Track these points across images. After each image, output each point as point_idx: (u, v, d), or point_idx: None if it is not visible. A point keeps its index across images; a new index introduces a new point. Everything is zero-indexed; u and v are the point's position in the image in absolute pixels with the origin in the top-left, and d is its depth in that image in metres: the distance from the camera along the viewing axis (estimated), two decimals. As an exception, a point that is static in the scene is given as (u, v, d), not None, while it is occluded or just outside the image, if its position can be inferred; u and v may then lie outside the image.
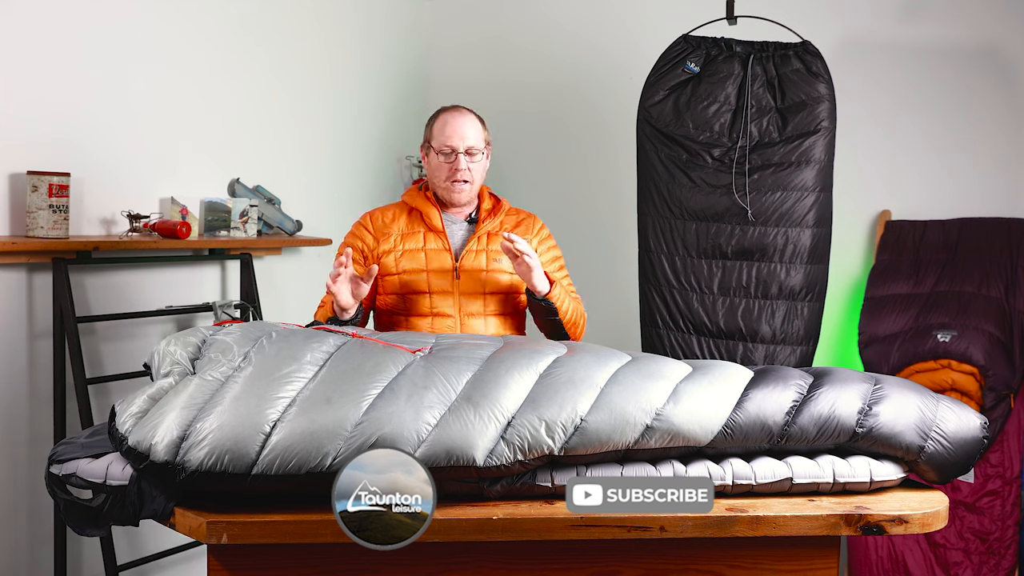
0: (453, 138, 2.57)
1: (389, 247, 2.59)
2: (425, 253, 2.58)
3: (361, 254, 2.61)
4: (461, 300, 2.56)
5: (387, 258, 2.58)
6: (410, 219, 2.63)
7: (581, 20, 4.22)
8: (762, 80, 3.24)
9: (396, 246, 2.59)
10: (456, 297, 2.56)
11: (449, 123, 2.60)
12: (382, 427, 1.67)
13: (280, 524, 1.63)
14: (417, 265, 2.57)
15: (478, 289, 2.57)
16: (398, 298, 2.57)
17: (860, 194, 3.76)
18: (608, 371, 1.84)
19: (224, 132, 3.41)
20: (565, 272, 2.73)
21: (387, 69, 4.23)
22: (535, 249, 2.62)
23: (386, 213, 2.66)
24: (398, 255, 2.58)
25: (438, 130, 2.61)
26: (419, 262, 2.57)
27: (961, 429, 1.85)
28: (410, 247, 2.58)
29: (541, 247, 2.68)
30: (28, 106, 2.75)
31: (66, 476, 1.74)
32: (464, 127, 2.59)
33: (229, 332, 1.91)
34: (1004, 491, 3.31)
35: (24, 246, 2.66)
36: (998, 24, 3.64)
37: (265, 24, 3.56)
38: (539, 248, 2.66)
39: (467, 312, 2.56)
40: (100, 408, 2.92)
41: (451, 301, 2.55)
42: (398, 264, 2.57)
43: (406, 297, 2.56)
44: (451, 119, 2.60)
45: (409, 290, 2.55)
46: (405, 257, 2.57)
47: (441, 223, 2.60)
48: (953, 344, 3.30)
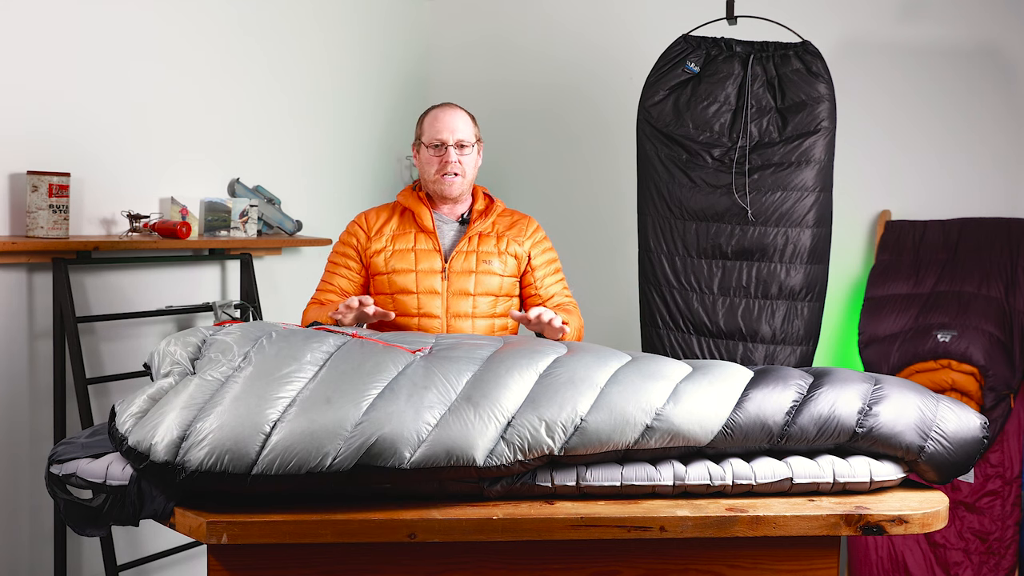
0: (443, 131, 2.60)
1: (380, 247, 2.61)
2: (415, 253, 2.59)
3: (355, 251, 2.63)
4: (449, 301, 2.56)
5: (377, 258, 2.60)
6: (402, 219, 2.65)
7: (581, 20, 4.22)
8: (762, 80, 3.24)
9: (387, 246, 2.61)
10: (444, 298, 2.56)
11: (439, 118, 2.62)
12: (382, 427, 1.67)
13: (280, 524, 1.63)
14: (406, 265, 2.58)
15: (467, 290, 2.57)
16: (387, 298, 2.58)
17: (860, 194, 3.76)
18: (608, 371, 1.84)
19: (224, 132, 3.41)
20: (561, 275, 2.72)
21: (387, 69, 4.23)
22: (528, 253, 2.64)
23: (380, 213, 2.68)
24: (388, 255, 2.59)
25: (428, 124, 2.64)
26: (408, 262, 2.58)
27: (961, 429, 1.85)
28: (400, 247, 2.60)
29: (535, 250, 2.67)
30: (28, 106, 2.75)
31: (66, 476, 1.74)
32: (454, 120, 2.61)
33: (229, 332, 1.91)
34: (1004, 491, 3.31)
35: (24, 246, 2.66)
36: (997, 24, 3.64)
37: (265, 24, 3.56)
38: (533, 251, 2.66)
39: (454, 313, 2.56)
40: (100, 408, 2.92)
41: (439, 302, 2.56)
42: (388, 264, 2.59)
43: (394, 297, 2.57)
44: (441, 114, 2.63)
45: (397, 290, 2.57)
46: (395, 257, 2.59)
47: (432, 223, 2.61)
48: (953, 344, 3.30)
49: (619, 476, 1.76)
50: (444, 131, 2.59)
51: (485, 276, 2.59)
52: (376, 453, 1.65)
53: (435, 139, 2.60)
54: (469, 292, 2.57)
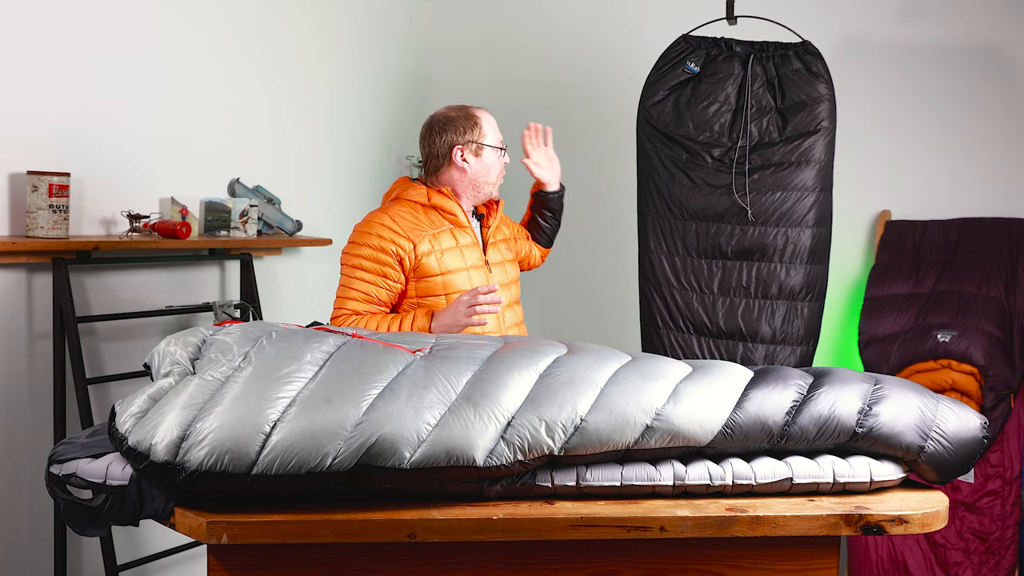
0: (500, 135, 2.68)
1: (427, 248, 2.52)
2: (461, 251, 2.57)
3: (396, 258, 2.50)
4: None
5: (427, 259, 2.51)
6: (428, 217, 2.59)
7: (582, 18, 4.22)
8: (762, 80, 3.25)
9: (433, 247, 2.53)
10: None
11: (493, 122, 2.68)
12: (382, 427, 1.67)
13: (280, 524, 1.63)
14: (458, 264, 2.55)
15: (505, 279, 2.65)
16: (439, 298, 2.53)
17: (860, 194, 3.76)
18: (608, 371, 1.84)
19: (224, 132, 3.41)
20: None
21: (387, 68, 4.23)
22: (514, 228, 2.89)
23: (403, 214, 2.57)
24: (438, 256, 2.53)
25: (490, 127, 2.66)
26: (458, 260, 2.56)
27: (961, 429, 1.85)
28: (446, 246, 2.55)
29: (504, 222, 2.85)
30: (28, 106, 2.75)
31: (66, 476, 1.74)
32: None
33: (229, 332, 1.91)
34: (1004, 491, 3.31)
35: (24, 246, 2.66)
36: (997, 24, 3.65)
37: (264, 23, 3.56)
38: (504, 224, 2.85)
39: (503, 304, 2.58)
40: (100, 408, 2.92)
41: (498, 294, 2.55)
42: (440, 264, 2.52)
43: (448, 297, 2.52)
44: (491, 118, 2.69)
45: (453, 289, 2.52)
46: (445, 257, 2.54)
47: (467, 218, 2.61)
48: (953, 344, 3.30)
49: (619, 476, 1.76)
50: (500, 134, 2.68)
51: (511, 264, 2.73)
52: (376, 453, 1.65)
53: (502, 142, 2.67)
54: (507, 281, 2.66)
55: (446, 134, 2.62)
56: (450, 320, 2.40)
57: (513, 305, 2.69)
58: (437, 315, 2.44)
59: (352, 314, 2.50)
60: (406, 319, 2.46)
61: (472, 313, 2.37)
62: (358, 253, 2.52)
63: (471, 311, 2.37)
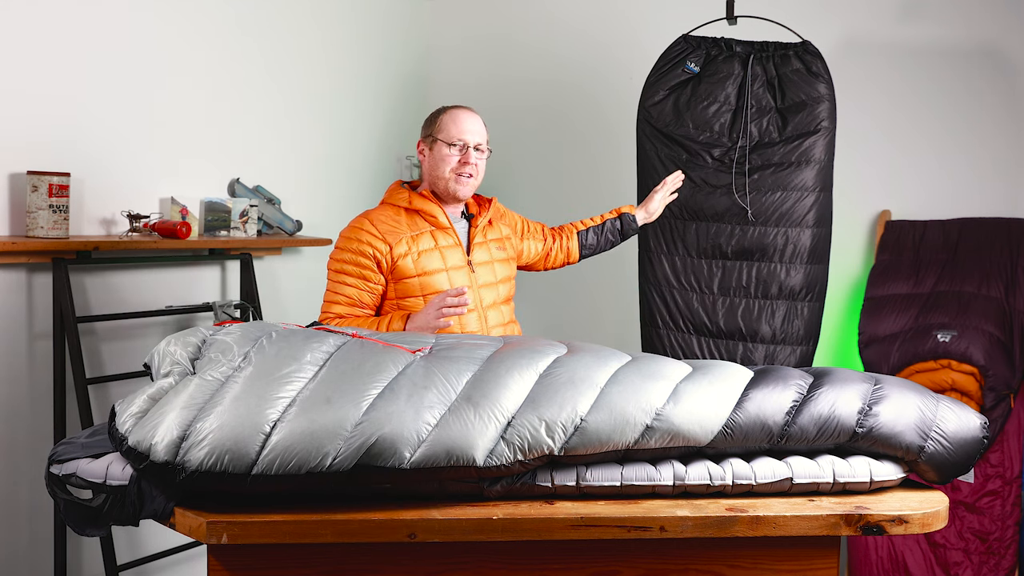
0: (466, 132, 2.61)
1: (404, 250, 2.54)
2: (440, 252, 2.58)
3: (374, 260, 2.53)
4: (480, 292, 2.59)
5: (403, 261, 2.53)
6: (411, 220, 2.61)
7: (583, 18, 4.22)
8: (762, 80, 3.25)
9: (410, 249, 2.55)
10: (476, 290, 2.59)
11: (462, 118, 2.64)
12: (382, 427, 1.67)
13: (280, 524, 1.63)
14: (436, 265, 2.56)
15: (491, 279, 2.64)
16: (417, 300, 2.54)
17: (860, 194, 3.76)
18: (608, 371, 1.84)
19: (224, 132, 3.41)
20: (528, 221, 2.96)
21: (386, 68, 4.23)
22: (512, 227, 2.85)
23: (383, 217, 2.60)
24: (415, 257, 2.55)
25: (449, 123, 2.63)
26: (437, 262, 2.56)
27: (961, 429, 1.85)
28: (424, 248, 2.57)
29: (508, 220, 2.84)
30: (28, 106, 2.75)
31: (66, 476, 1.74)
32: (475, 123, 2.65)
33: (229, 332, 1.91)
34: (1004, 491, 3.31)
35: (24, 246, 2.66)
36: (997, 24, 3.65)
37: (264, 24, 3.56)
38: (510, 223, 2.84)
39: (486, 304, 2.61)
40: (100, 408, 2.92)
41: (471, 295, 2.55)
42: (417, 266, 2.54)
43: (426, 298, 2.53)
44: (461, 114, 2.65)
45: (431, 290, 2.53)
46: (422, 259, 2.55)
47: (448, 219, 2.61)
48: (953, 344, 3.30)
49: (619, 476, 1.76)
50: (467, 132, 2.61)
51: (501, 264, 2.69)
52: (376, 453, 1.65)
53: (458, 138, 2.61)
54: (493, 281, 2.64)
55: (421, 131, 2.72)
56: (422, 322, 2.42)
57: (499, 305, 2.67)
58: (412, 317, 2.45)
59: (336, 318, 2.54)
60: (383, 322, 2.49)
61: (440, 316, 2.38)
62: (340, 258, 2.57)
63: (439, 313, 2.38)
